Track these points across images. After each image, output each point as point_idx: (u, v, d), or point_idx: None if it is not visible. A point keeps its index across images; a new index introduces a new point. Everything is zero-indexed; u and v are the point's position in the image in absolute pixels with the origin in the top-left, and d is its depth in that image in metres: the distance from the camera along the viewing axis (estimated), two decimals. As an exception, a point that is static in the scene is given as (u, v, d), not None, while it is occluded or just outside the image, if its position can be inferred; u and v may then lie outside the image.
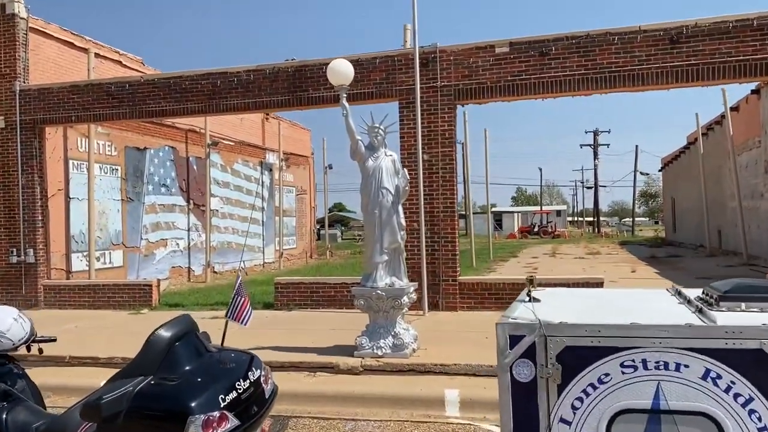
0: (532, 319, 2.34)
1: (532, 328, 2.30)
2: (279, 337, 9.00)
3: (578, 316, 2.38)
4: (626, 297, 3.14)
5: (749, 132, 20.93)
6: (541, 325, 2.28)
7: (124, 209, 17.16)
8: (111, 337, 9.63)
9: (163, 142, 18.83)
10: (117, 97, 12.91)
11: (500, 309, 10.66)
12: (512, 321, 2.36)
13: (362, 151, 7.76)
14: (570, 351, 2.24)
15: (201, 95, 12.35)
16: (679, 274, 16.95)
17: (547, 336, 2.26)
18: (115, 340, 9.31)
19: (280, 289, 12.06)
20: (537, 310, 2.53)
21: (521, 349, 2.30)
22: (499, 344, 2.36)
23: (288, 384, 7.01)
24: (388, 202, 7.63)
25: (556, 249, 31.83)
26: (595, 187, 63.16)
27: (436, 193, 11.09)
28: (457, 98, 10.98)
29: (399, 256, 7.76)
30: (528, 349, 2.29)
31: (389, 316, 7.61)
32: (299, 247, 28.15)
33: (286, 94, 11.82)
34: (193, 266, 20.13)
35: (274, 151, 25.22)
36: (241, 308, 3.97)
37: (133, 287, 13.09)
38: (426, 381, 6.96)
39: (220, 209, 21.75)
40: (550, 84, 10.58)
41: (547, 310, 2.53)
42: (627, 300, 3.02)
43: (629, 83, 10.27)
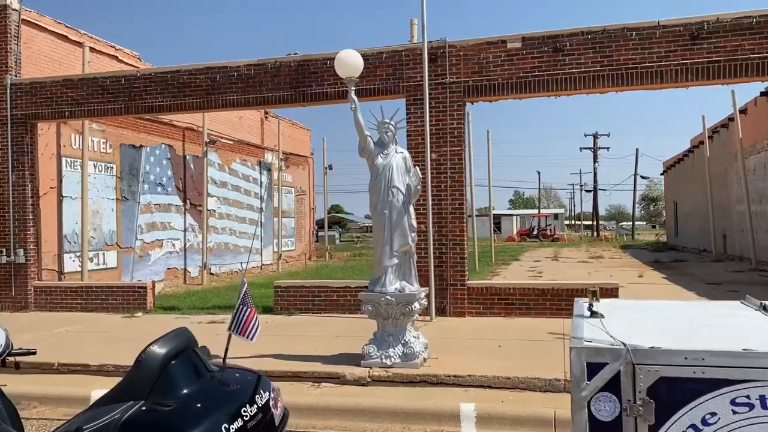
0: (615, 342, 1.89)
1: (617, 354, 1.85)
2: (279, 344, 8.54)
3: (671, 340, 1.93)
4: (703, 311, 2.69)
5: (757, 135, 20.57)
6: (628, 350, 1.83)
7: (118, 209, 16.67)
8: (103, 343, 9.15)
9: (160, 140, 18.35)
10: (112, 92, 12.43)
11: (509, 315, 10.24)
12: (591, 345, 1.91)
13: (371, 148, 7.31)
14: (666, 383, 1.79)
15: (199, 90, 11.88)
16: (687, 279, 16.55)
17: (636, 365, 1.81)
18: (108, 346, 8.83)
19: (280, 293, 11.59)
20: (609, 328, 2.08)
21: (602, 381, 1.85)
22: (573, 374, 1.90)
23: (290, 396, 6.55)
24: (398, 202, 7.18)
25: (557, 252, 31.42)
26: (594, 191, 62.84)
27: (445, 193, 10.64)
28: (466, 95, 10.54)
29: (410, 260, 7.31)
30: (611, 380, 1.84)
31: (399, 324, 7.16)
32: (298, 249, 27.67)
33: (288, 90, 11.37)
34: (190, 268, 19.63)
35: (273, 151, 24.76)
36: (247, 320, 3.48)
37: (127, 289, 12.60)
38: (439, 393, 6.51)
39: (218, 209, 21.27)
40: (564, 81, 10.15)
41: (624, 330, 2.07)
42: (709, 316, 2.57)
43: (647, 81, 9.85)
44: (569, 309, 10.06)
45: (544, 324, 9.59)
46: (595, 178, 62.57)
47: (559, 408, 5.90)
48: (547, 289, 10.27)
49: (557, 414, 5.81)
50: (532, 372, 6.70)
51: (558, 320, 9.89)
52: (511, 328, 9.43)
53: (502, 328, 9.45)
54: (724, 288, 14.19)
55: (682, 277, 17.33)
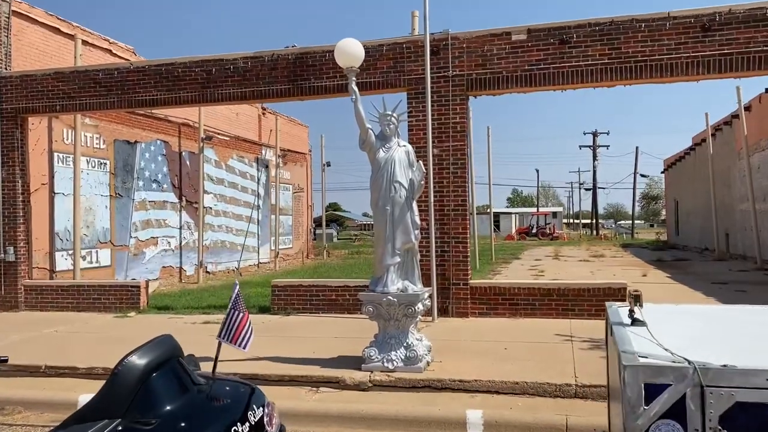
0: (678, 359, 1.57)
1: (681, 374, 1.53)
2: (276, 346, 8.22)
3: (741, 355, 1.60)
4: (754, 317, 2.36)
5: (762, 132, 20.28)
6: (695, 369, 1.51)
7: (112, 205, 16.31)
8: (93, 344, 8.82)
9: (155, 136, 17.99)
10: (105, 85, 12.08)
11: (514, 316, 9.92)
12: (650, 363, 1.58)
13: (372, 141, 6.99)
14: (743, 411, 1.47)
15: (194, 84, 11.54)
16: (692, 278, 16.25)
17: (706, 387, 1.49)
18: (98, 348, 8.50)
19: (277, 292, 11.26)
20: (662, 340, 1.76)
21: (664, 406, 1.53)
22: (627, 397, 1.58)
23: (287, 401, 6.24)
24: (401, 198, 6.86)
25: (557, 251, 31.11)
26: (593, 189, 62.56)
27: (447, 190, 10.32)
28: (469, 89, 10.22)
29: (413, 258, 6.99)
30: (675, 405, 1.52)
31: (401, 325, 6.84)
32: (295, 247, 27.34)
33: (286, 83, 11.03)
34: (185, 266, 19.29)
35: (270, 147, 24.41)
36: (239, 327, 3.14)
37: (119, 288, 12.25)
38: (444, 399, 6.19)
39: (214, 207, 20.91)
40: (571, 74, 9.83)
41: (679, 343, 1.75)
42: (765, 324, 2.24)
43: (656, 74, 9.53)
44: (576, 309, 9.79)
45: (550, 325, 9.28)
46: (595, 177, 62.28)
47: (572, 415, 5.60)
48: (553, 288, 9.96)
49: (569, 422, 5.51)
50: (542, 376, 6.39)
51: (565, 321, 9.58)
52: (516, 329, 9.12)
53: (507, 329, 9.13)
54: (731, 288, 13.90)
55: (686, 276, 17.04)
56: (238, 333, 3.12)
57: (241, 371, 6.93)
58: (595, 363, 6.92)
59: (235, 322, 3.14)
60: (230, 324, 3.16)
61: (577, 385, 6.12)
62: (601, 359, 7.33)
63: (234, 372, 6.91)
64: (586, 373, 6.46)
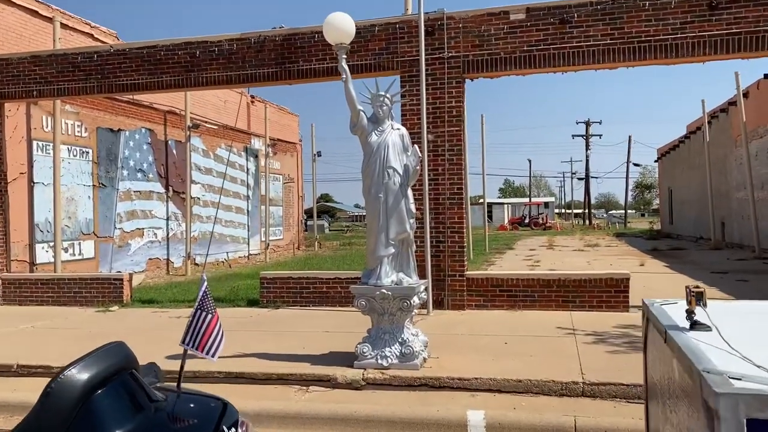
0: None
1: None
2: (264, 342, 7.79)
3: None
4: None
5: (760, 119, 19.96)
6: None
7: (95, 196, 15.77)
8: (71, 341, 8.35)
9: (140, 124, 17.43)
10: (84, 69, 11.54)
11: (513, 308, 9.54)
12: (754, 390, 1.15)
13: (364, 124, 6.54)
14: None
15: (178, 67, 11.02)
16: (690, 268, 15.94)
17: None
18: (76, 345, 8.02)
19: (266, 285, 10.81)
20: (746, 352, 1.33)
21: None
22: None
23: (275, 402, 5.83)
24: (395, 185, 6.42)
25: (551, 241, 30.81)
26: (586, 179, 62.32)
27: (442, 177, 9.89)
28: (465, 71, 9.76)
29: (408, 249, 6.57)
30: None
31: (396, 320, 6.42)
32: (286, 238, 26.86)
33: (273, 67, 10.54)
34: (173, 258, 18.79)
35: (260, 137, 23.87)
36: (207, 331, 2.67)
37: (102, 281, 11.76)
38: (442, 399, 5.78)
39: (202, 197, 20.39)
40: (572, 55, 9.40)
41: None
42: None
43: (661, 55, 9.12)
44: (577, 301, 9.38)
45: (550, 317, 8.90)
46: (587, 166, 62.03)
47: (580, 416, 5.21)
48: (552, 279, 9.57)
49: (578, 423, 5.11)
50: (546, 373, 5.99)
51: (565, 313, 9.21)
52: (515, 322, 8.73)
53: (506, 322, 8.74)
54: (732, 277, 13.58)
55: (684, 265, 16.73)
56: (205, 338, 2.64)
57: (225, 370, 6.51)
58: (600, 358, 6.55)
59: (201, 326, 2.66)
60: (196, 327, 2.68)
61: (585, 383, 5.73)
62: (607, 354, 6.99)
63: (217, 371, 6.49)
64: (593, 370, 6.07)
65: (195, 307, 2.69)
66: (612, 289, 9.35)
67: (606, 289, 9.36)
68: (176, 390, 2.47)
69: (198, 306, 2.70)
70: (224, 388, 6.27)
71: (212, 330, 2.67)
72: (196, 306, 2.71)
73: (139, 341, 8.14)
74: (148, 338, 8.09)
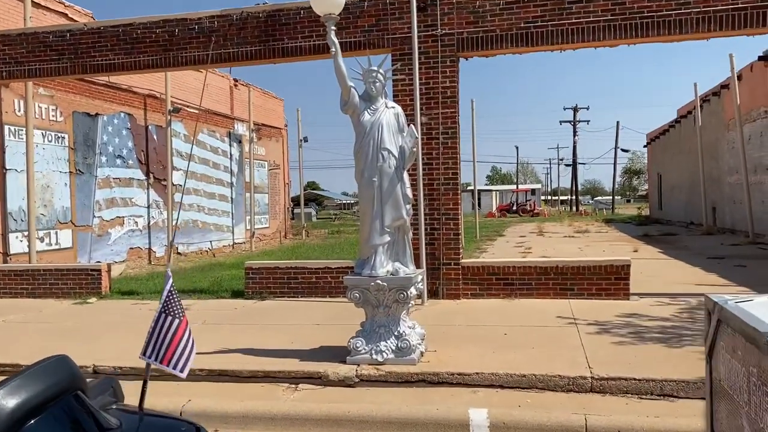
0: None
1: None
2: (249, 336, 7.34)
3: None
4: None
5: (753, 102, 19.71)
6: None
7: (72, 183, 15.15)
8: (44, 336, 7.85)
9: (118, 108, 16.77)
10: (56, 48, 10.92)
11: (509, 297, 9.18)
12: None
13: (356, 102, 6.07)
14: None
15: (155, 46, 10.45)
16: (685, 253, 15.68)
17: None
18: (49, 340, 7.54)
19: (251, 275, 10.34)
20: None
21: None
22: None
23: (262, 402, 5.39)
24: (390, 168, 5.97)
25: (541, 228, 30.53)
26: (573, 165, 62.22)
27: (436, 162, 9.46)
28: (460, 49, 9.30)
29: (404, 237, 6.13)
30: None
31: (391, 312, 6.00)
32: (272, 227, 26.32)
33: (256, 45, 10.00)
34: (154, 247, 18.22)
35: (243, 122, 23.25)
36: (175, 340, 2.19)
37: (79, 272, 11.22)
38: (442, 396, 5.39)
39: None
40: (570, 32, 8.96)
41: None
42: None
43: (663, 31, 8.71)
44: (575, 289, 8.98)
45: (549, 306, 8.53)
46: (575, 152, 61.91)
47: (591, 414, 4.83)
48: (550, 267, 9.20)
49: (589, 422, 4.74)
50: (551, 367, 5.62)
51: (563, 301, 8.85)
52: (514, 311, 8.35)
53: (503, 312, 8.36)
54: (729, 263, 13.32)
55: (679, 251, 16.48)
56: (171, 349, 2.16)
57: (207, 367, 6.06)
58: (607, 350, 6.19)
59: (167, 333, 2.18)
60: (160, 335, 2.20)
61: (593, 378, 5.36)
62: (613, 345, 6.62)
63: (198, 369, 6.03)
64: (600, 363, 5.70)
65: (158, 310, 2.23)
66: (612, 276, 9.00)
67: (606, 277, 9.01)
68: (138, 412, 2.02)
69: (162, 309, 2.23)
70: (206, 388, 5.83)
71: (180, 338, 2.20)
72: (159, 309, 2.24)
73: (116, 337, 7.67)
74: (125, 333, 7.61)
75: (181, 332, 2.21)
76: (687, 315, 7.79)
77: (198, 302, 10.06)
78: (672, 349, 6.16)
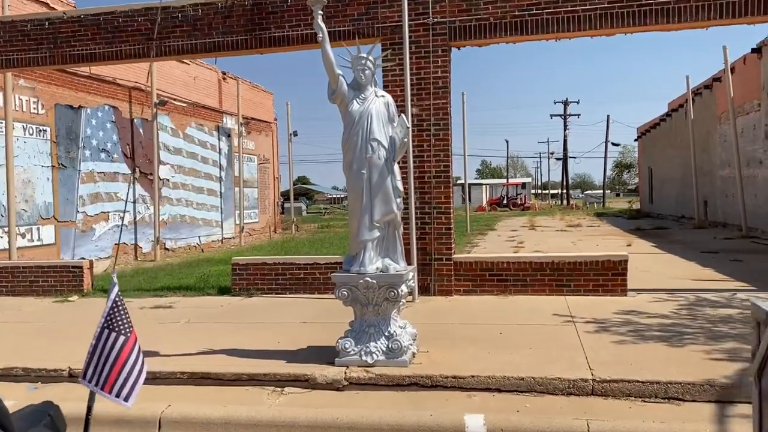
0: None
1: None
2: (234, 335, 7.05)
3: None
4: None
5: (746, 95, 19.54)
6: None
7: (55, 177, 14.76)
8: (21, 336, 7.53)
9: (102, 101, 16.36)
10: (34, 38, 10.54)
11: (503, 293, 8.93)
12: None
13: (344, 91, 5.78)
14: None
15: (138, 35, 10.09)
16: (679, 248, 15.51)
17: None
18: (25, 340, 7.22)
19: (238, 271, 10.04)
20: None
21: None
22: None
23: (245, 407, 5.10)
24: (379, 159, 5.69)
25: (532, 222, 30.38)
26: (564, 159, 62.14)
27: (428, 154, 9.18)
28: (452, 38, 9.01)
29: (394, 232, 5.86)
30: None
31: (381, 311, 5.73)
32: (262, 221, 25.97)
33: (242, 34, 9.66)
34: (141, 243, 17.84)
35: (232, 115, 22.85)
36: (118, 361, 1.84)
37: (60, 269, 10.87)
38: (436, 400, 5.12)
39: (171, 178, 19.40)
40: (567, 21, 8.69)
41: None
42: None
43: (662, 19, 8.46)
44: (572, 285, 8.71)
45: (544, 303, 8.29)
46: (565, 146, 61.81)
47: (593, 419, 4.58)
48: (546, 262, 8.96)
49: (591, 427, 4.49)
50: (549, 369, 5.36)
51: (560, 298, 8.62)
52: (508, 309, 8.10)
53: (498, 309, 8.11)
54: (725, 257, 13.15)
55: (672, 245, 16.31)
56: (115, 372, 1.80)
57: (189, 370, 5.77)
58: (607, 350, 5.94)
59: (110, 353, 1.83)
60: (102, 355, 1.85)
61: (595, 380, 5.11)
62: (613, 345, 6.35)
63: (179, 372, 5.75)
64: (601, 364, 5.46)
65: (100, 324, 1.91)
66: (609, 272, 8.77)
67: (603, 272, 8.78)
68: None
69: (104, 323, 1.91)
70: (187, 392, 5.54)
71: (125, 359, 1.85)
72: (101, 323, 1.93)
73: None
74: (105, 333, 7.29)
75: (127, 352, 1.87)
76: (686, 312, 7.57)
77: (183, 299, 9.75)
78: (674, 348, 5.93)
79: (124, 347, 1.83)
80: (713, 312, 7.52)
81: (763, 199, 18.25)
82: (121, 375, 1.81)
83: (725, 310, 7.60)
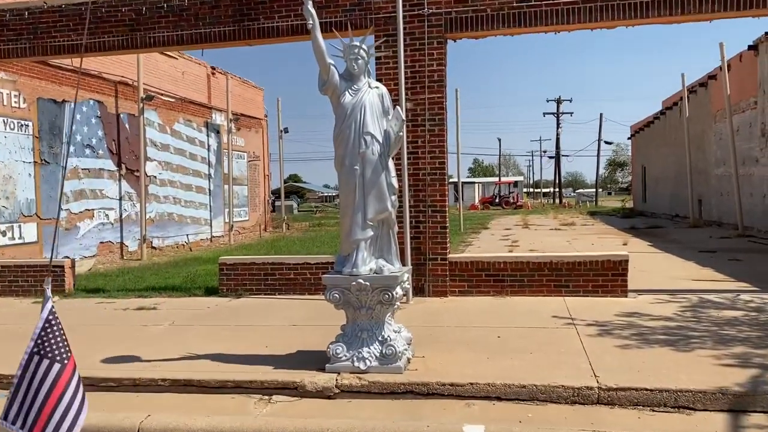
0: None
1: None
2: (220, 339, 6.72)
3: None
4: None
5: (742, 93, 19.38)
6: None
7: (37, 173, 14.33)
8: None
9: (87, 95, 15.94)
10: (13, 28, 10.15)
11: (500, 294, 8.65)
12: None
13: (336, 82, 5.46)
14: None
15: (121, 26, 9.72)
16: (676, 247, 15.30)
17: None
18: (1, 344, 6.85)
19: (226, 271, 9.70)
20: None
21: None
22: None
23: (230, 417, 4.78)
24: (373, 154, 5.37)
25: (525, 220, 30.16)
26: (557, 157, 62.06)
27: (422, 150, 8.88)
28: (448, 30, 8.71)
29: (389, 231, 5.55)
30: None
31: (375, 315, 5.42)
32: (252, 219, 25.58)
33: (230, 25, 9.32)
34: (127, 241, 17.43)
35: (221, 111, 22.45)
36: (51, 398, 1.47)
37: (40, 269, 10.48)
38: (432, 409, 4.82)
39: (159, 175, 18.99)
40: (566, 12, 8.41)
41: None
42: None
43: (664, 11, 8.19)
44: (570, 286, 8.37)
45: (543, 304, 8.01)
46: (558, 144, 61.72)
47: (600, 430, 4.30)
48: (544, 262, 8.68)
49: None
50: (551, 375, 5.08)
51: (558, 299, 8.35)
52: (506, 311, 7.82)
53: (495, 311, 7.82)
54: (723, 256, 12.93)
55: (669, 244, 16.10)
56: (48, 409, 1.43)
57: (171, 377, 5.44)
58: (611, 355, 5.66)
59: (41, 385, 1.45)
60: (32, 388, 1.48)
61: (600, 388, 4.82)
62: (617, 349, 6.04)
63: (161, 378, 5.41)
64: (606, 370, 5.17)
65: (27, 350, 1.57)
66: (609, 272, 8.50)
67: (603, 273, 8.51)
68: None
69: (33, 347, 1.55)
70: (169, 400, 5.21)
71: (61, 392, 1.48)
72: (29, 348, 1.58)
73: (72, 341, 7.02)
74: (83, 337, 6.93)
75: (64, 383, 1.51)
76: (690, 314, 7.31)
77: (168, 300, 9.40)
78: (681, 353, 5.66)
79: (60, 378, 1.48)
80: (718, 314, 7.26)
81: (759, 197, 18.09)
82: (56, 413, 1.44)
83: (730, 312, 7.35)
